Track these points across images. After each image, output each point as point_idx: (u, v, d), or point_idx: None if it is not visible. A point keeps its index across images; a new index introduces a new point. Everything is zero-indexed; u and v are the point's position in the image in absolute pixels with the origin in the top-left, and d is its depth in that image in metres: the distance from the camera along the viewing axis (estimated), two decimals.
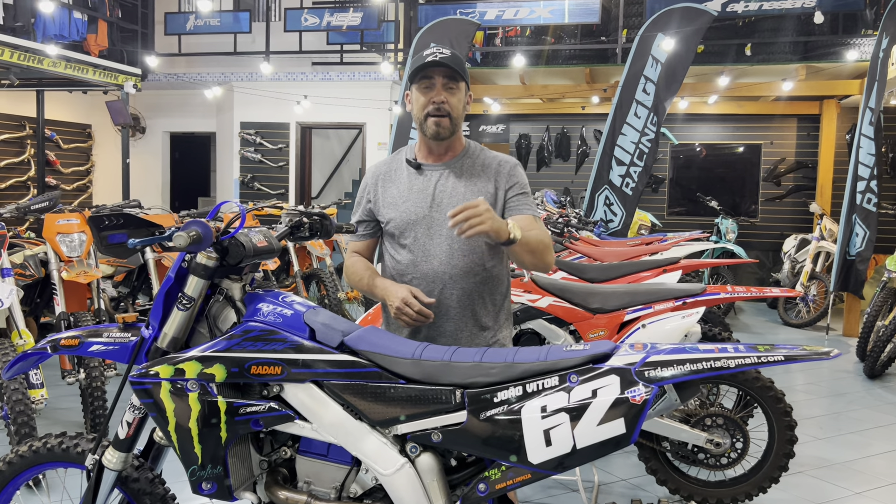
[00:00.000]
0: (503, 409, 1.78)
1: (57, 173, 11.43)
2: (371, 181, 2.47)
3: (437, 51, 2.28)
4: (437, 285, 2.32)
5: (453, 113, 2.31)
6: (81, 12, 8.86)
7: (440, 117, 2.29)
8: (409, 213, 2.35)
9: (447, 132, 2.32)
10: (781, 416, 3.44)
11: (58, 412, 4.84)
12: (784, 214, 10.93)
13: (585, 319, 3.66)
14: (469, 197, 2.32)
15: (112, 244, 1.79)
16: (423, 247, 2.33)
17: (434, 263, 2.32)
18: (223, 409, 1.90)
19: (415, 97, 2.34)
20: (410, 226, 2.34)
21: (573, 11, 9.33)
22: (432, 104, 2.29)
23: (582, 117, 11.31)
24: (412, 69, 2.32)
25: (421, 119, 2.33)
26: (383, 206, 2.40)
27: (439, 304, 2.31)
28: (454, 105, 2.31)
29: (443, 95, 2.29)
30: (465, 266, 2.32)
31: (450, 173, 2.37)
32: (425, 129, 2.33)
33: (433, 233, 2.32)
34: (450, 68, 2.28)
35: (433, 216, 2.33)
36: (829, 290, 8.07)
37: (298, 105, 10.68)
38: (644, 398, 1.68)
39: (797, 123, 10.78)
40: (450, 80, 2.30)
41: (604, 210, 8.75)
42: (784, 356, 1.67)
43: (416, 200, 2.35)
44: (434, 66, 2.27)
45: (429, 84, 2.30)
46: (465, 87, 2.36)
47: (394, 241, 2.40)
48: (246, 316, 1.98)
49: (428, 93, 2.30)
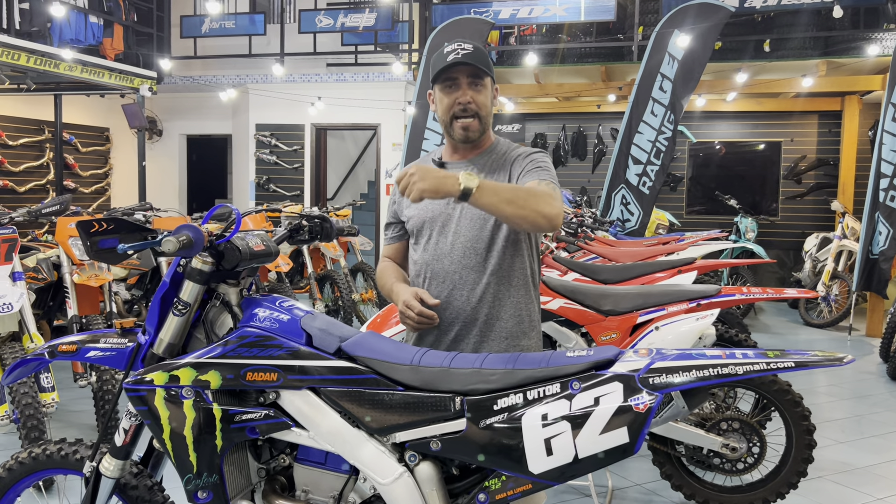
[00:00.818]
0: (503, 417, 1.73)
1: (76, 176, 11.53)
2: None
3: (460, 47, 2.14)
4: (448, 286, 2.19)
5: (481, 112, 2.18)
6: (97, 16, 8.91)
7: (467, 118, 2.17)
8: (426, 210, 2.24)
9: (476, 134, 2.20)
10: (799, 420, 3.36)
11: (71, 415, 4.86)
12: (805, 213, 10.76)
13: (597, 322, 3.59)
14: None
15: (102, 250, 1.75)
16: (437, 245, 2.22)
17: (445, 263, 2.20)
18: (218, 416, 1.86)
19: (438, 98, 2.21)
20: (427, 223, 2.24)
21: (588, 9, 9.24)
22: (458, 105, 2.16)
23: (598, 116, 11.21)
24: (434, 69, 2.17)
25: (447, 122, 2.21)
26: (405, 205, 2.32)
27: (449, 306, 2.20)
28: (482, 103, 2.18)
29: (469, 95, 2.16)
30: (479, 266, 2.18)
31: (472, 169, 2.22)
32: (452, 133, 2.21)
33: (447, 230, 2.21)
34: (474, 66, 2.14)
35: (450, 213, 2.21)
36: (851, 290, 7.92)
37: (313, 106, 10.68)
38: (648, 406, 1.62)
39: (818, 120, 10.60)
40: (475, 78, 2.16)
41: (620, 209, 8.66)
42: (795, 363, 1.60)
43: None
44: (458, 66, 2.14)
45: (453, 84, 2.17)
46: (490, 82, 2.21)
47: (413, 241, 2.32)
48: (242, 321, 1.95)
49: (452, 93, 2.17)
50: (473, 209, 2.16)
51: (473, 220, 2.19)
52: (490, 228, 2.18)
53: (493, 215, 2.06)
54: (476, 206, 1.91)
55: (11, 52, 7.58)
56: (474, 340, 2.20)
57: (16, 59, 7.62)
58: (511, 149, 2.29)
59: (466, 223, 2.19)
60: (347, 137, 13.50)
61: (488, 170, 2.22)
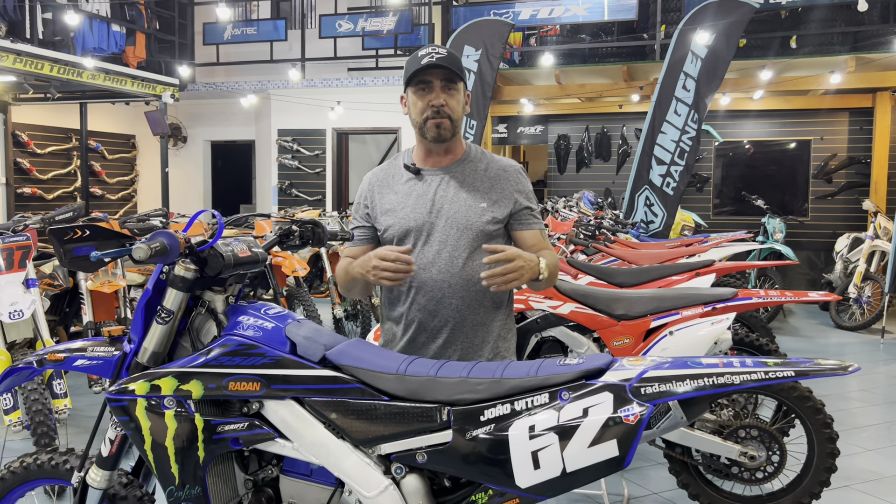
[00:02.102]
0: (490, 429, 1.66)
1: (102, 183, 11.69)
2: (367, 188, 2.36)
3: (434, 51, 2.15)
4: (437, 294, 2.20)
5: (453, 115, 2.19)
6: (120, 25, 9.02)
7: (441, 119, 2.18)
8: (407, 219, 2.23)
9: (448, 133, 2.20)
10: (821, 427, 3.24)
11: (87, 420, 4.88)
12: (836, 213, 10.49)
13: (609, 326, 3.51)
14: (471, 203, 2.21)
15: (76, 258, 1.72)
16: (422, 255, 2.21)
17: (433, 272, 2.19)
18: (200, 427, 1.82)
19: (411, 101, 2.23)
20: (409, 233, 2.23)
21: (610, 8, 9.13)
22: (431, 108, 2.17)
23: (622, 116, 11.07)
24: (408, 72, 2.20)
25: (420, 123, 2.21)
26: (381, 213, 2.29)
27: (437, 314, 2.20)
28: (454, 107, 2.19)
29: (442, 98, 2.17)
30: (466, 275, 2.20)
31: (451, 178, 2.25)
32: (425, 132, 2.21)
33: (432, 240, 2.20)
34: (447, 69, 2.15)
35: (433, 223, 2.21)
36: (884, 291, 7.69)
37: (333, 111, 10.70)
38: (639, 417, 1.55)
39: (849, 117, 10.34)
40: (448, 82, 2.18)
41: (644, 211, 8.52)
42: (795, 372, 1.51)
43: (414, 206, 2.24)
44: (431, 69, 2.15)
45: (426, 87, 2.18)
46: (463, 87, 2.23)
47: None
48: (226, 329, 1.91)
49: (426, 96, 2.18)
50: (457, 217, 2.21)
51: (459, 230, 2.20)
52: (475, 236, 2.20)
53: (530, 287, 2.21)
54: (533, 284, 2.14)
55: (34, 62, 7.69)
56: (462, 347, 2.20)
57: (39, 69, 7.74)
58: (486, 159, 2.31)
59: (452, 232, 2.20)
60: (369, 141, 13.51)
61: (469, 181, 2.24)
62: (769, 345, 3.90)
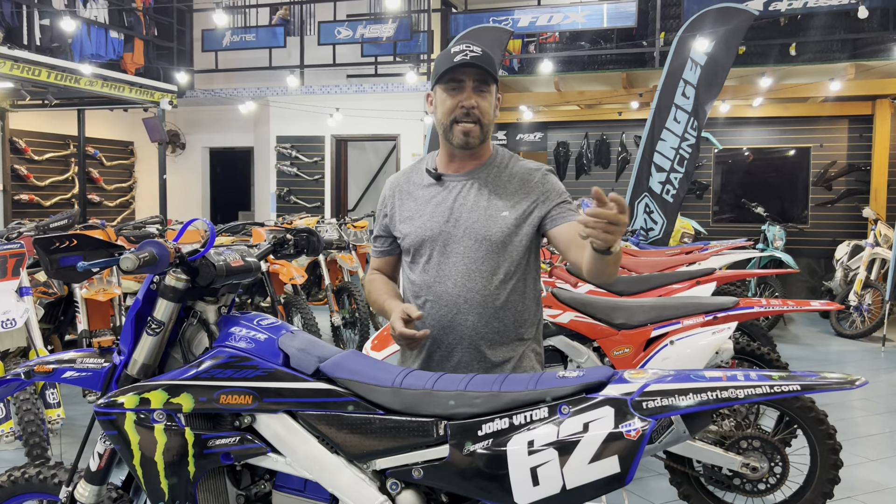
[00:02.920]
0: (487, 444, 1.61)
1: (100, 190, 11.66)
2: (389, 193, 2.25)
3: (468, 48, 2.02)
4: (451, 310, 2.06)
5: (483, 119, 2.06)
6: (118, 31, 9.00)
7: (469, 124, 2.04)
8: (424, 228, 2.11)
9: (477, 140, 2.07)
10: (824, 438, 3.20)
11: (82, 430, 4.82)
12: (836, 220, 10.46)
13: (609, 336, 3.47)
14: (492, 213, 2.07)
15: (63, 268, 1.67)
16: (438, 266, 2.09)
17: (448, 285, 2.08)
18: (191, 441, 1.77)
19: (439, 99, 2.08)
20: (425, 243, 2.11)
21: (609, 16, 9.12)
22: (461, 108, 2.03)
23: (621, 123, 11.04)
24: (438, 69, 2.05)
25: (446, 125, 2.07)
26: (399, 220, 2.18)
27: (452, 330, 2.07)
28: (485, 110, 2.06)
29: (473, 99, 2.03)
30: (483, 289, 2.05)
31: (472, 185, 2.11)
32: (451, 138, 2.07)
33: (449, 251, 2.07)
34: (482, 69, 2.02)
35: (450, 232, 2.08)
36: (885, 299, 7.65)
37: (332, 118, 10.67)
38: (641, 433, 1.50)
39: (848, 125, 10.31)
40: (481, 83, 2.04)
41: (644, 218, 8.48)
42: (800, 386, 1.47)
43: (432, 215, 2.11)
44: (465, 67, 2.01)
45: (457, 86, 2.04)
46: (495, 90, 2.10)
47: (409, 260, 2.19)
48: (217, 341, 1.86)
49: (456, 95, 2.04)
50: (475, 227, 2.07)
51: (477, 240, 2.07)
52: (494, 248, 2.07)
53: (597, 265, 1.88)
54: (604, 258, 1.80)
55: (32, 68, 7.66)
56: (482, 368, 2.09)
57: (36, 75, 7.71)
58: (512, 161, 2.17)
59: (470, 243, 2.07)
60: (368, 148, 13.49)
61: (491, 188, 2.10)
62: (770, 353, 3.86)
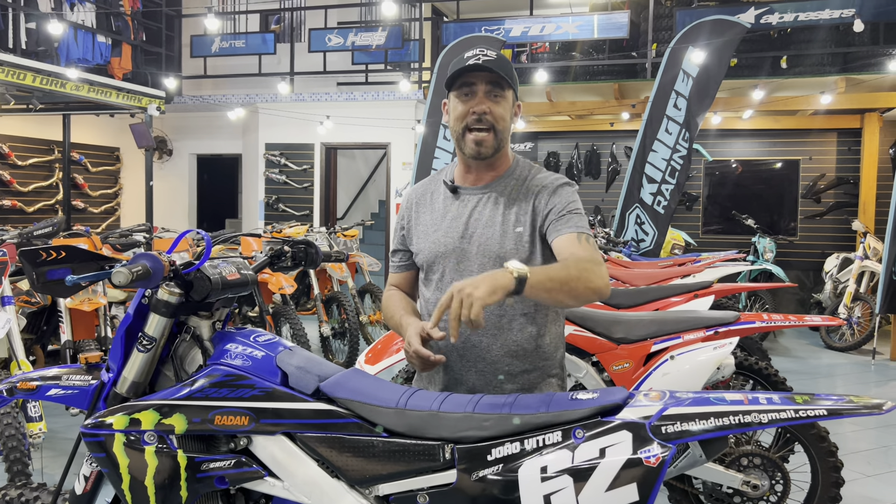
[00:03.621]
0: (498, 469, 1.54)
1: (85, 196, 11.49)
2: (406, 205, 2.14)
3: (482, 52, 1.94)
4: (465, 330, 1.94)
5: (498, 125, 1.95)
6: (105, 36, 8.88)
7: (482, 131, 1.94)
8: (438, 244, 2.02)
9: (490, 150, 1.97)
10: (825, 456, 3.15)
11: (63, 443, 4.69)
12: (825, 232, 10.49)
13: (609, 350, 3.40)
14: (507, 229, 1.97)
15: (50, 281, 1.58)
16: (451, 283, 1.97)
17: None
18: (183, 464, 1.68)
19: (452, 106, 2.00)
20: (439, 259, 2.02)
21: (601, 26, 9.11)
22: (472, 114, 1.94)
23: (612, 134, 11.04)
24: (451, 73, 1.96)
25: (459, 133, 1.98)
26: (415, 234, 2.09)
27: (468, 353, 1.98)
28: (499, 116, 1.95)
29: (486, 104, 1.94)
30: (498, 308, 1.95)
31: (489, 198, 2.01)
32: (463, 147, 1.98)
33: (463, 268, 1.98)
34: (495, 73, 1.92)
35: (464, 248, 1.98)
36: (874, 312, 7.65)
37: (322, 126, 10.59)
38: (661, 459, 1.43)
39: (837, 138, 10.36)
40: (495, 87, 1.95)
41: (635, 229, 8.45)
42: (827, 410, 1.41)
43: (447, 230, 2.02)
44: (476, 71, 1.92)
45: (469, 91, 1.95)
46: (512, 96, 1.99)
47: (424, 276, 2.10)
48: (212, 358, 1.77)
49: (468, 101, 1.95)
50: (489, 244, 1.97)
51: (492, 259, 1.97)
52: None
53: (547, 304, 1.83)
54: (529, 296, 1.68)
55: (17, 72, 7.53)
56: (494, 390, 1.98)
57: (21, 79, 7.57)
58: (532, 173, 2.06)
59: (484, 261, 1.97)
60: (358, 156, 13.41)
61: (507, 201, 2.00)
62: (768, 368, 3.80)
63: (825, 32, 8.75)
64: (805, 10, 8.30)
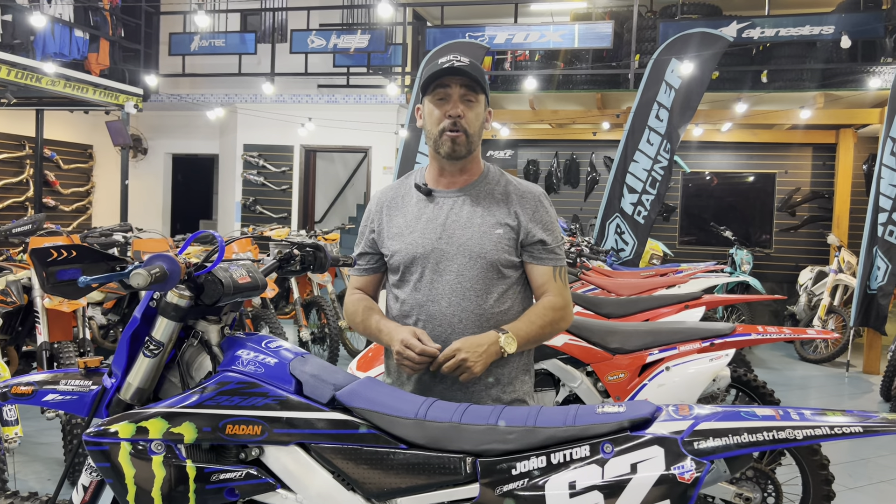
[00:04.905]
0: (523, 484, 1.49)
1: (56, 194, 11.23)
2: (375, 208, 2.17)
3: (455, 59, 1.99)
4: (446, 330, 2.00)
5: (470, 129, 2.01)
6: (83, 30, 8.69)
7: (456, 132, 1.99)
8: (415, 245, 2.04)
9: (463, 150, 2.02)
10: (817, 469, 3.15)
11: (38, 448, 4.55)
12: (799, 245, 10.64)
13: (604, 360, 3.38)
14: (486, 230, 2.02)
15: (60, 282, 1.51)
16: (431, 285, 2.02)
17: (442, 304, 2.00)
18: (192, 475, 1.61)
19: (427, 110, 2.05)
20: (417, 260, 2.04)
21: (584, 36, 9.15)
22: (448, 118, 1.99)
23: (592, 143, 11.09)
24: (425, 77, 2.01)
25: (435, 135, 2.03)
26: (388, 237, 2.10)
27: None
28: (471, 120, 2.01)
29: (460, 108, 1.99)
30: (478, 308, 2.00)
31: (465, 200, 2.06)
32: (439, 147, 2.03)
33: (442, 269, 2.01)
34: (469, 77, 1.98)
35: (443, 249, 2.02)
36: (848, 325, 7.76)
37: (303, 127, 10.48)
38: (695, 476, 1.40)
39: (812, 153, 10.53)
40: (468, 91, 2.00)
41: (615, 239, 8.48)
42: (864, 428, 1.38)
43: (423, 231, 2.05)
44: (451, 75, 1.97)
45: (444, 95, 2.00)
46: (484, 100, 2.06)
47: (398, 278, 2.10)
48: (223, 364, 1.70)
49: (443, 105, 2.00)
50: (469, 244, 2.02)
51: (471, 258, 2.01)
52: (488, 266, 2.01)
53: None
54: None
55: None
56: (473, 389, 2.01)
57: None
58: (506, 178, 2.14)
59: (464, 261, 2.01)
60: (337, 160, 13.31)
61: (485, 204, 2.06)
62: (756, 380, 3.80)
63: (805, 49, 8.89)
64: (786, 26, 8.42)
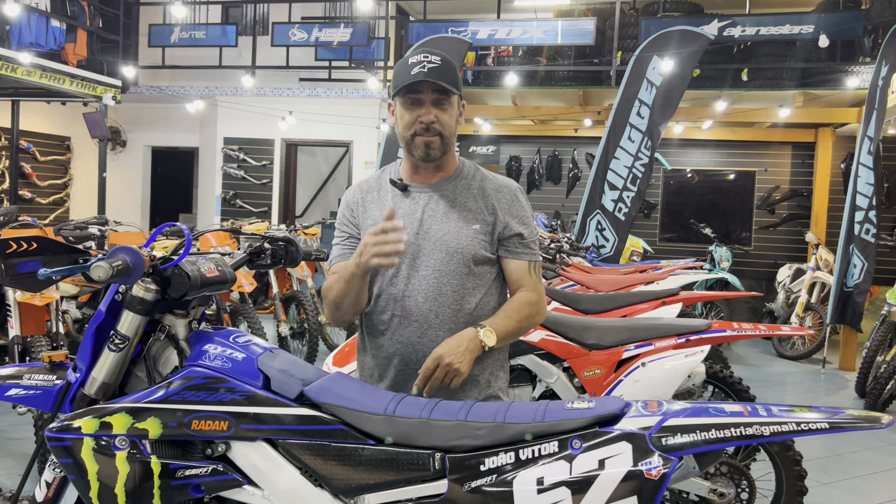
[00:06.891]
0: (491, 480, 1.49)
1: (32, 186, 11.09)
2: (352, 200, 2.15)
3: (426, 59, 1.95)
4: (422, 325, 1.99)
5: (445, 132, 2.00)
6: (60, 20, 8.57)
7: (430, 137, 1.98)
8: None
9: (438, 153, 2.01)
10: (791, 465, 3.18)
11: (10, 443, 4.49)
12: (778, 243, 10.73)
13: (581, 356, 3.38)
14: (462, 225, 2.02)
15: (20, 274, 1.48)
16: (407, 280, 2.00)
17: (419, 299, 1.99)
18: (157, 471, 1.59)
19: (399, 113, 2.02)
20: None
21: (567, 32, 9.16)
22: (420, 123, 1.98)
23: (574, 140, 11.11)
24: (397, 81, 1.99)
25: (407, 138, 2.01)
26: (364, 229, 2.09)
27: (423, 348, 1.99)
28: (446, 123, 1.99)
29: (433, 114, 1.97)
30: (455, 304, 2.00)
31: (441, 196, 2.06)
32: (412, 150, 2.01)
33: (419, 264, 2.01)
34: (440, 84, 1.95)
35: (420, 245, 2.01)
36: (825, 322, 7.84)
37: (284, 121, 10.41)
38: (662, 472, 1.40)
39: (791, 151, 10.61)
40: (441, 95, 1.98)
41: (595, 235, 8.50)
42: (829, 424, 1.39)
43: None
44: (423, 81, 1.94)
45: (415, 99, 1.98)
46: (457, 99, 2.03)
47: (374, 273, 2.07)
48: (189, 359, 1.68)
49: (415, 109, 1.98)
50: (446, 240, 2.02)
51: (448, 253, 2.00)
52: (465, 261, 2.01)
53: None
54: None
55: None
56: (446, 387, 1.97)
57: None
58: (481, 174, 2.14)
59: (441, 256, 2.01)
60: (318, 154, 13.24)
61: (461, 199, 2.06)
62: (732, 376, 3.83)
63: (785, 48, 8.95)
64: (766, 25, 8.47)
